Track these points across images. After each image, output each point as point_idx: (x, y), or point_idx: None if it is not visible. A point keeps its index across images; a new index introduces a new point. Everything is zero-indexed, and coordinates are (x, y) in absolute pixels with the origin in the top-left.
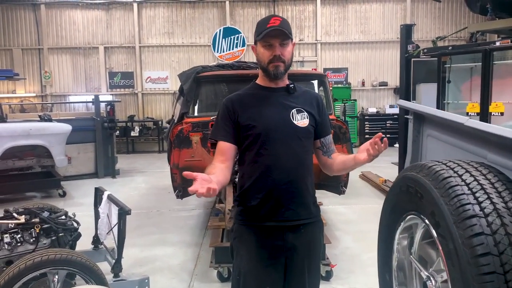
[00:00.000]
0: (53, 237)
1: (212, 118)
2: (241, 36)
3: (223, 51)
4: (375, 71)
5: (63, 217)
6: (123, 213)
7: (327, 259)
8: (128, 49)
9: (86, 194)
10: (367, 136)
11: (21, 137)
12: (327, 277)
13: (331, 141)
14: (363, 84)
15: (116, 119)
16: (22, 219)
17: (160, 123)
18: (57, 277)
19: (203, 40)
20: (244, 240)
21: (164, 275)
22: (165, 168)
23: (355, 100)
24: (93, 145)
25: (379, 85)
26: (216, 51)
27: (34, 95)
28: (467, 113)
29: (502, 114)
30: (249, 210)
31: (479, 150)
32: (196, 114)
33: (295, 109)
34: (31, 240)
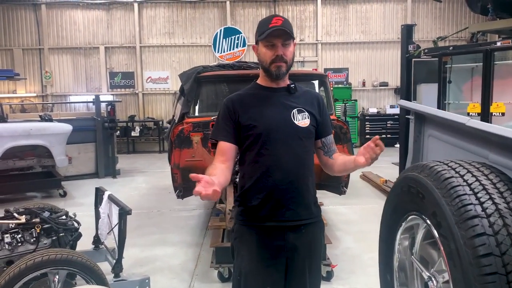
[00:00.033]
0: (54, 237)
1: (212, 118)
2: (241, 36)
3: (224, 51)
4: (375, 71)
5: (63, 217)
6: (123, 213)
7: (328, 259)
8: (129, 49)
9: (87, 194)
10: (367, 136)
11: (21, 137)
12: (328, 277)
13: (332, 141)
14: (363, 84)
15: (117, 119)
16: (23, 219)
17: (161, 123)
18: (57, 277)
19: (203, 40)
20: (245, 240)
21: (164, 275)
22: (166, 168)
23: (355, 100)
24: (94, 145)
25: (380, 85)
26: (216, 51)
27: (35, 95)
28: (468, 113)
29: (503, 114)
30: (249, 210)
31: (480, 150)
32: (196, 114)
33: (296, 109)
34: (32, 240)
